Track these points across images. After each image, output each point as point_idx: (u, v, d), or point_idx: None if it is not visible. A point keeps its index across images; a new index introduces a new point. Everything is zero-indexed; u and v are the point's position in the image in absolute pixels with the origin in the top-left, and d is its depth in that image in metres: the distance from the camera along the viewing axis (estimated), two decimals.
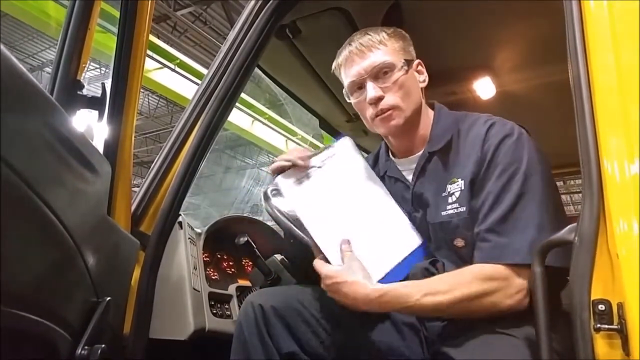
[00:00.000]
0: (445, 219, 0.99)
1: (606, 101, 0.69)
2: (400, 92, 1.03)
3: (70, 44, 0.98)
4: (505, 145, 0.95)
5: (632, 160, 0.64)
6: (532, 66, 1.68)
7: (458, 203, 0.97)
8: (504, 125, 0.99)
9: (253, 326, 0.96)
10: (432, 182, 1.04)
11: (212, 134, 1.25)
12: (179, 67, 6.96)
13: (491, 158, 0.95)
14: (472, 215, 0.95)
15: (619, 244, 0.62)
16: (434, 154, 1.05)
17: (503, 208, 0.90)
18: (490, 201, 0.92)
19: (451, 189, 0.99)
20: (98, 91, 1.06)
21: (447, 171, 1.02)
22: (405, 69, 1.04)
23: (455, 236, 0.97)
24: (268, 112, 9.04)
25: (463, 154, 1.01)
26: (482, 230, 0.91)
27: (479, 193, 0.95)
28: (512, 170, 0.92)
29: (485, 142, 0.97)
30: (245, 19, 1.27)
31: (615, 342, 0.62)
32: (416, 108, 1.06)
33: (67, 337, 0.73)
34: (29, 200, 0.61)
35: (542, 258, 0.76)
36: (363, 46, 1.04)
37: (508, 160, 0.93)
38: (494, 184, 0.93)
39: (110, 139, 1.09)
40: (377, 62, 1.03)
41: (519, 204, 0.89)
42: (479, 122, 1.03)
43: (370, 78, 1.03)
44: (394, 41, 1.06)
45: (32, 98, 0.64)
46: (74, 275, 0.76)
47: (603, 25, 0.72)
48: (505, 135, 0.96)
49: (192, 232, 1.39)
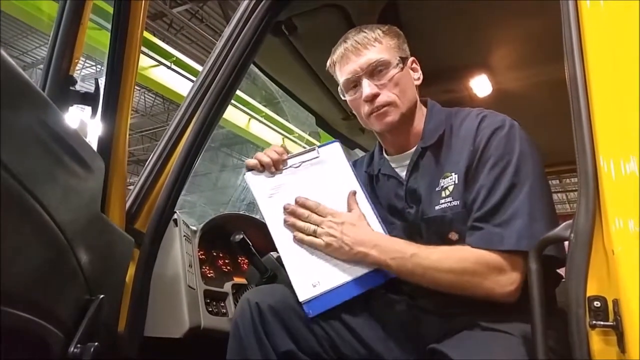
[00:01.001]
0: (438, 213, 0.99)
1: (602, 99, 0.69)
2: (395, 89, 1.03)
3: (63, 40, 0.97)
4: (497, 138, 0.95)
5: (628, 158, 0.64)
6: (528, 64, 1.69)
7: (452, 197, 0.98)
8: (495, 117, 1.00)
9: (249, 324, 0.96)
10: (425, 178, 1.04)
11: (207, 131, 1.24)
12: (175, 64, 6.93)
13: (483, 150, 0.95)
14: (466, 209, 0.95)
15: (614, 241, 0.62)
16: (426, 150, 1.05)
17: (495, 199, 0.91)
18: (483, 194, 0.92)
19: (444, 183, 0.99)
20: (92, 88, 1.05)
21: (440, 166, 1.02)
22: (401, 67, 1.04)
23: (450, 230, 0.97)
24: (265, 110, 9.02)
25: (455, 148, 1.01)
26: (474, 219, 0.92)
27: (472, 186, 0.95)
28: (504, 162, 0.93)
29: (477, 135, 0.98)
30: (240, 15, 1.26)
31: (610, 338, 0.62)
32: (411, 105, 1.06)
33: (60, 335, 0.73)
34: (19, 197, 0.60)
35: (538, 255, 0.76)
36: (358, 44, 1.04)
37: (500, 152, 0.94)
38: (486, 177, 0.93)
39: (104, 136, 1.08)
40: (372, 60, 1.03)
41: (511, 195, 0.90)
42: (470, 116, 1.03)
43: (366, 75, 1.03)
44: (389, 39, 1.06)
45: (23, 94, 0.63)
46: (67, 272, 0.76)
47: (599, 24, 0.72)
48: (496, 127, 0.97)
49: (187, 229, 1.38)
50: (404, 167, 1.09)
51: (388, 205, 1.11)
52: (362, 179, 1.16)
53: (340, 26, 1.38)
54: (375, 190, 1.16)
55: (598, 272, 0.65)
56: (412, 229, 1.05)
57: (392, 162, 1.13)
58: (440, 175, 1.01)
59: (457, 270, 0.90)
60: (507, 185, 0.91)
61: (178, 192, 1.21)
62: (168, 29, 9.19)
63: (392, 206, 1.10)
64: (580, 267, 0.66)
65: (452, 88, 1.81)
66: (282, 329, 0.96)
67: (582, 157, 0.69)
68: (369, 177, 1.19)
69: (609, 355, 0.62)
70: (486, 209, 0.91)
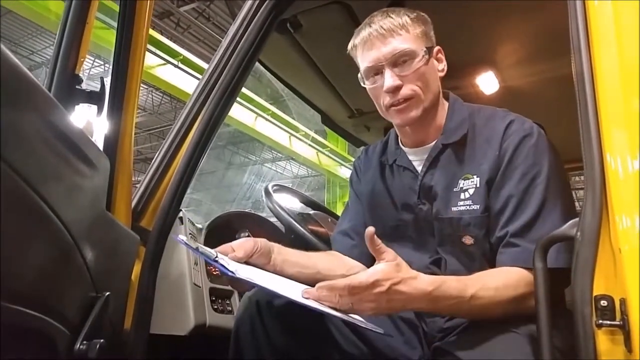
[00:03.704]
0: (455, 214, 0.96)
1: (609, 97, 0.68)
2: (419, 82, 0.98)
3: (69, 39, 0.98)
4: (526, 146, 0.93)
5: (635, 156, 0.64)
6: (535, 61, 1.67)
7: (471, 200, 0.95)
8: (523, 123, 0.97)
9: (248, 323, 0.95)
10: (443, 175, 1.01)
11: (212, 129, 1.24)
12: (182, 63, 6.96)
13: (510, 158, 0.93)
14: (487, 215, 0.93)
15: (621, 240, 0.62)
16: (447, 147, 1.02)
17: (529, 214, 0.88)
18: (513, 205, 0.90)
19: (464, 184, 0.97)
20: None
21: (460, 166, 0.99)
22: (427, 58, 0.99)
23: (465, 233, 0.95)
24: (271, 108, 9.04)
25: (479, 149, 0.98)
26: (509, 235, 0.89)
27: (498, 194, 0.93)
28: (534, 173, 0.90)
29: (504, 140, 0.95)
30: (245, 13, 1.26)
31: (617, 338, 0.61)
32: (434, 98, 1.02)
33: (66, 331, 0.73)
34: (25, 195, 0.61)
35: (544, 254, 0.75)
36: (384, 29, 0.98)
37: (530, 163, 0.91)
38: (515, 187, 0.91)
39: (110, 134, 1.09)
40: (398, 49, 0.97)
41: (544, 210, 0.88)
42: (496, 118, 1.00)
43: (389, 65, 0.98)
44: (416, 26, 1.00)
45: (29, 93, 0.63)
46: (72, 270, 0.76)
47: (607, 20, 0.71)
48: (525, 134, 0.94)
49: (192, 227, 1.39)
50: (421, 160, 1.06)
51: (399, 198, 1.08)
52: (374, 168, 1.14)
53: (345, 24, 1.38)
54: (387, 181, 1.13)
55: (605, 270, 0.64)
56: (424, 227, 1.02)
57: (410, 155, 1.09)
58: (460, 176, 0.98)
59: (516, 298, 0.84)
60: (540, 199, 0.89)
61: (184, 190, 1.21)
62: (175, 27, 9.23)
63: (403, 200, 1.07)
64: (587, 266, 0.65)
65: (458, 85, 1.79)
66: (281, 327, 0.95)
67: (589, 154, 0.68)
68: (381, 166, 1.15)
69: (616, 355, 0.61)
70: (520, 223, 0.89)
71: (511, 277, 0.86)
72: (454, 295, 0.81)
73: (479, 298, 0.82)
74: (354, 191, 1.25)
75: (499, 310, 0.84)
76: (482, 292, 0.82)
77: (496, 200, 0.93)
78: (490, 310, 0.84)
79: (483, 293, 0.82)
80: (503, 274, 0.87)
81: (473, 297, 0.81)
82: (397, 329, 1.01)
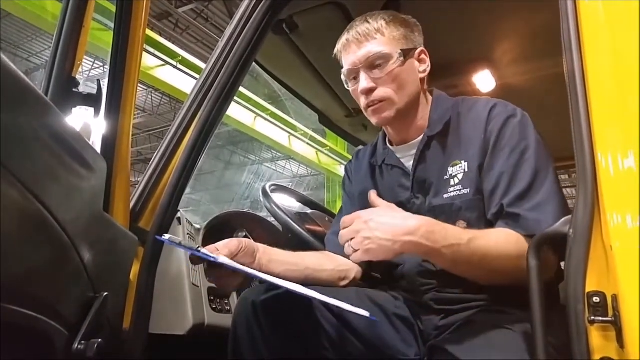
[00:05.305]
0: (447, 201, 0.98)
1: (600, 95, 0.69)
2: (393, 85, 1.02)
3: (65, 42, 0.98)
4: (511, 125, 0.94)
5: (626, 153, 0.64)
6: (531, 59, 1.68)
7: (461, 185, 0.97)
8: (506, 106, 0.99)
9: (244, 323, 0.95)
10: (432, 167, 1.03)
11: (210, 129, 1.25)
12: (181, 64, 6.97)
13: (497, 139, 0.94)
14: (479, 198, 0.94)
15: (613, 236, 0.62)
16: (433, 138, 1.04)
17: (523, 184, 0.89)
18: (505, 181, 0.91)
19: (453, 171, 0.98)
20: None
21: (447, 154, 1.01)
22: (402, 60, 1.02)
23: (458, 218, 0.96)
24: (270, 107, 9.04)
25: (464, 135, 1.00)
26: (505, 205, 0.90)
27: (489, 174, 0.94)
28: (522, 148, 0.92)
29: (488, 123, 0.97)
30: (242, 14, 1.27)
31: (609, 334, 0.62)
32: (410, 100, 1.05)
33: (64, 331, 0.74)
34: (22, 197, 0.62)
35: (537, 251, 0.76)
36: (360, 35, 1.02)
37: (516, 140, 0.93)
38: (505, 163, 0.92)
39: (107, 136, 1.09)
40: (372, 53, 1.01)
41: (538, 179, 0.89)
42: (479, 104, 1.02)
43: (364, 68, 1.02)
44: (393, 29, 1.03)
45: (25, 98, 0.64)
46: (70, 270, 0.77)
47: (597, 20, 0.72)
48: (509, 115, 0.96)
49: (191, 227, 1.40)
50: (410, 157, 1.08)
51: (391, 197, 1.08)
52: (365, 170, 1.16)
53: (341, 24, 1.37)
54: (377, 182, 1.15)
55: (597, 267, 0.65)
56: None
57: (397, 153, 1.11)
58: (449, 164, 1.00)
59: (517, 255, 0.81)
60: (531, 170, 0.90)
61: (181, 190, 1.22)
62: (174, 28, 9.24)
63: (394, 198, 1.08)
64: (579, 263, 0.66)
65: (455, 83, 1.80)
66: (278, 327, 0.95)
67: (580, 152, 0.69)
68: (372, 168, 1.17)
69: (608, 351, 0.62)
70: (515, 194, 0.89)
71: (511, 235, 0.87)
72: (452, 234, 0.83)
73: (478, 245, 0.83)
74: (346, 194, 1.27)
75: (498, 265, 0.84)
76: (481, 240, 0.84)
77: (488, 180, 0.94)
78: (489, 262, 0.84)
79: (482, 242, 0.84)
80: (503, 232, 0.88)
81: (471, 241, 0.83)
82: (393, 327, 1.01)
